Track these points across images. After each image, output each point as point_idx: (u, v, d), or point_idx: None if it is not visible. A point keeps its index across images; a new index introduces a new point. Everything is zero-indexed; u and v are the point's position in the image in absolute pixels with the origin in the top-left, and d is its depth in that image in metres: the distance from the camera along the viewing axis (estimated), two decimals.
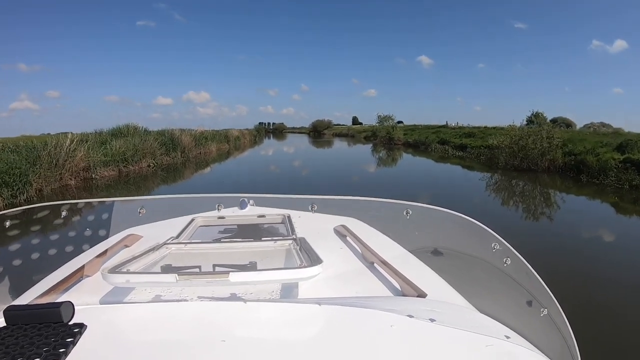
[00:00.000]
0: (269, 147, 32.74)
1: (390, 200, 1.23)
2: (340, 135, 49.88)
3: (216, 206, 1.40)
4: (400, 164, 18.09)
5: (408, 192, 9.08)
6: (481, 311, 0.82)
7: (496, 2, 59.48)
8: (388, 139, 28.59)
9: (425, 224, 1.20)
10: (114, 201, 1.32)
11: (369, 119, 59.37)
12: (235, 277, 0.70)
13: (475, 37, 65.11)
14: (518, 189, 10.30)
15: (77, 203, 1.21)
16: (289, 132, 65.89)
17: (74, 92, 63.60)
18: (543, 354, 0.67)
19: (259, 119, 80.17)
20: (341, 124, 61.53)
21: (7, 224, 1.01)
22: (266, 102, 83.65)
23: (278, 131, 66.17)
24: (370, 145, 29.71)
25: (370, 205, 1.41)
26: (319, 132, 56.28)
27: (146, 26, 60.34)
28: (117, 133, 14.91)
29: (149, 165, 13.10)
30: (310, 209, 1.30)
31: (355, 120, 62.72)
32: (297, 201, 1.38)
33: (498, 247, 1.00)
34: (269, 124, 70.00)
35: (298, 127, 68.35)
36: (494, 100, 64.35)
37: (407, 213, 1.14)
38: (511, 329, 0.72)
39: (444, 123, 32.53)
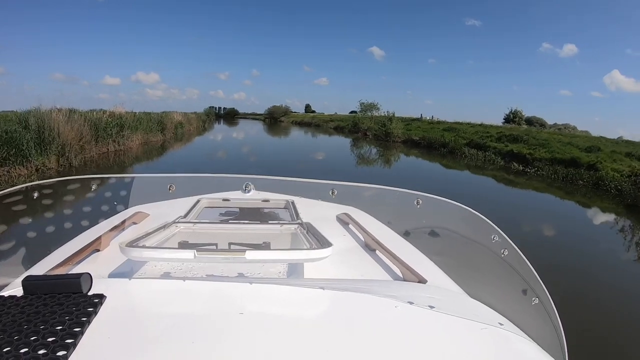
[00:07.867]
0: (220, 133, 25.12)
1: (395, 188, 1.31)
2: (301, 123, 43.36)
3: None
4: (448, 185, 11.93)
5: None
6: (477, 299, 0.84)
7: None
8: (384, 134, 21.83)
9: (428, 214, 1.24)
10: (109, 177, 1.33)
11: (321, 108, 60.12)
12: (251, 255, 0.70)
13: (426, 31, 65.01)
14: None
15: (87, 179, 1.23)
16: (241, 117, 59.61)
17: (19, 69, 59.90)
18: (534, 341, 0.68)
19: (210, 103, 71.24)
20: (294, 111, 57.02)
21: (14, 199, 1.01)
22: (217, 86, 75.97)
23: (230, 116, 58.51)
24: (350, 139, 23.36)
25: (375, 194, 1.45)
26: (275, 119, 50.07)
27: (94, 0, 56.88)
28: None
29: None
30: (313, 196, 1.44)
31: (308, 108, 61.22)
32: (302, 185, 1.45)
33: (497, 238, 1.06)
34: (219, 108, 61.81)
35: (250, 112, 62.51)
36: (443, 95, 64.80)
37: (417, 203, 1.21)
38: (504, 316, 0.74)
39: (402, 115, 28.20)
